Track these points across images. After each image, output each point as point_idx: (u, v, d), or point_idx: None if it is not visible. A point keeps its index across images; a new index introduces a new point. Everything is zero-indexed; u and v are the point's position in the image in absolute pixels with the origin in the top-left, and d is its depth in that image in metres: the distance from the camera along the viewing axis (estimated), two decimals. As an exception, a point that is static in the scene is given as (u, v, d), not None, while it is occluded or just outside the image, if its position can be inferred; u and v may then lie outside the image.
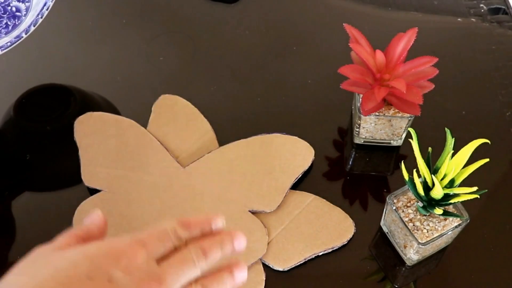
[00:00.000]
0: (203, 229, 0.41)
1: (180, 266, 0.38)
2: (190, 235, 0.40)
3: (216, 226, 0.42)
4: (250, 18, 0.81)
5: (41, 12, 0.64)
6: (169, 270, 0.37)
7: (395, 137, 0.67)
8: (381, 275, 0.60)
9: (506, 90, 0.73)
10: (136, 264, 0.36)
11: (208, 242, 0.40)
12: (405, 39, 0.61)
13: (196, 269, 0.38)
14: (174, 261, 0.38)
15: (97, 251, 0.36)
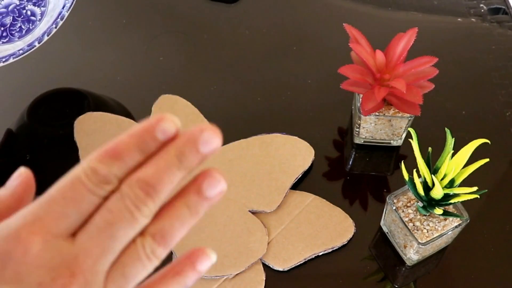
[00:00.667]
0: (144, 148, 0.26)
1: (108, 229, 0.25)
2: (124, 167, 0.25)
3: (165, 135, 0.26)
4: (250, 18, 0.81)
5: (56, 22, 0.63)
6: (87, 246, 0.25)
7: (395, 137, 0.67)
8: (381, 275, 0.60)
9: (506, 90, 0.73)
10: (29, 262, 0.24)
11: (150, 168, 0.25)
12: (405, 39, 0.61)
13: (137, 222, 0.25)
14: (97, 225, 0.25)
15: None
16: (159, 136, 0.26)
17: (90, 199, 0.25)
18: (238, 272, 0.58)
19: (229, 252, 0.59)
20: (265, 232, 0.60)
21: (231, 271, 0.58)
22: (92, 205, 0.26)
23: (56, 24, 0.63)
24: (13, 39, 0.65)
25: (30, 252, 0.25)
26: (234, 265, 0.58)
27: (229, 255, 0.58)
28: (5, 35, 0.63)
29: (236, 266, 0.58)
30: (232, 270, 0.58)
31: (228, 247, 0.59)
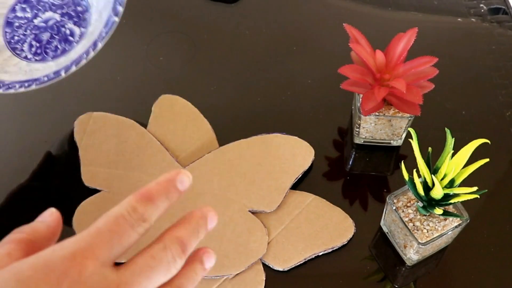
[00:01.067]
0: (169, 196, 0.34)
1: (149, 271, 0.32)
2: (156, 209, 0.33)
3: (183, 187, 0.35)
4: (250, 18, 0.81)
5: (95, 44, 0.58)
6: (128, 280, 0.31)
7: (395, 137, 0.67)
8: (381, 275, 0.60)
9: (506, 90, 0.73)
10: (82, 281, 0.29)
11: (184, 231, 0.33)
12: (405, 39, 0.61)
13: (170, 271, 0.32)
14: (140, 265, 0.32)
15: (31, 272, 0.29)
16: (179, 186, 0.34)
17: (130, 234, 0.32)
18: (238, 272, 0.58)
19: (229, 252, 0.59)
20: (265, 232, 0.60)
21: (231, 271, 0.58)
22: (132, 240, 0.32)
23: (95, 45, 0.58)
24: (46, 58, 0.61)
25: (84, 273, 0.30)
26: (234, 265, 0.58)
27: (229, 255, 0.58)
28: (39, 52, 0.60)
29: (236, 266, 0.58)
30: (232, 270, 0.58)
31: (228, 247, 0.59)
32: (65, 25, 0.62)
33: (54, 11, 0.62)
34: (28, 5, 0.61)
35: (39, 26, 0.60)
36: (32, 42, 0.60)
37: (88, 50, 0.56)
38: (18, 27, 0.59)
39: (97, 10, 0.60)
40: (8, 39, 0.59)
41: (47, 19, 0.61)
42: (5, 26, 0.59)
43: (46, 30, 0.60)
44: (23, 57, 0.60)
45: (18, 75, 0.57)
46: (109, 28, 0.57)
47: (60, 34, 0.61)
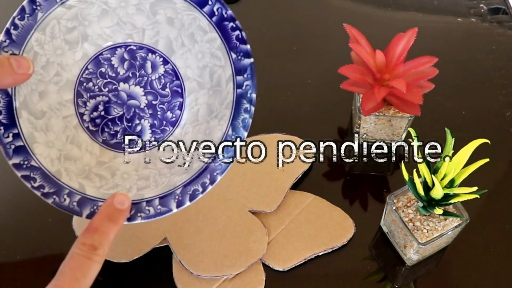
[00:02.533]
0: (113, 219, 0.42)
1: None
2: (103, 235, 0.41)
3: (124, 206, 0.44)
4: (250, 18, 0.81)
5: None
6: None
7: (395, 137, 0.67)
8: (381, 275, 0.60)
9: (506, 90, 0.73)
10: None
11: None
12: (405, 39, 0.61)
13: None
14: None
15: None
16: (119, 207, 0.43)
17: (89, 264, 0.39)
18: (238, 272, 0.58)
19: (229, 252, 0.59)
20: (265, 232, 0.60)
21: (231, 271, 0.58)
22: (94, 269, 0.39)
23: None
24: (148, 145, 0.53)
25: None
26: (234, 265, 0.58)
27: (229, 255, 0.58)
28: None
29: (236, 266, 0.58)
30: (232, 270, 0.58)
31: (228, 247, 0.59)
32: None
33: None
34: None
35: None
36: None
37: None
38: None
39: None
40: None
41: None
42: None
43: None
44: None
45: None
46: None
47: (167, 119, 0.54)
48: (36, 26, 0.49)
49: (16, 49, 0.48)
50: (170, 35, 0.52)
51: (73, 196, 0.48)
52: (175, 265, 0.59)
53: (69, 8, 0.50)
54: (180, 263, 0.58)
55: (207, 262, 0.58)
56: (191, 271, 0.57)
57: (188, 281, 0.57)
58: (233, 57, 0.50)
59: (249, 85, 0.50)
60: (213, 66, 0.51)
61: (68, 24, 0.50)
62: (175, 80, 0.52)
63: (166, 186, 0.50)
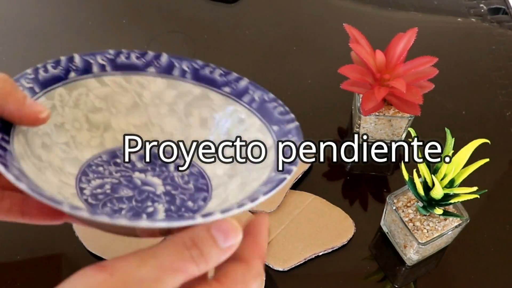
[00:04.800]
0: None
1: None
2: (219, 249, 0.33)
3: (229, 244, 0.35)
4: (250, 18, 0.81)
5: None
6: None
7: (395, 137, 0.67)
8: (381, 275, 0.60)
9: (506, 90, 0.73)
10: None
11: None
12: (405, 39, 0.61)
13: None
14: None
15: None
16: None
17: (193, 269, 0.32)
18: (238, 272, 0.58)
19: (229, 252, 0.58)
20: (265, 232, 0.60)
21: (231, 271, 0.58)
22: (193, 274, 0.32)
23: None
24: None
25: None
26: (234, 265, 0.58)
27: (229, 255, 0.58)
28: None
29: (236, 266, 0.58)
30: (232, 270, 0.58)
31: (228, 247, 0.59)
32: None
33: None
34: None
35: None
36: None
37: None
38: None
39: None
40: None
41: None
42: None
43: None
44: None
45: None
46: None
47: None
48: (65, 81, 0.44)
49: (37, 87, 0.42)
50: (200, 136, 0.47)
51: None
52: (175, 265, 0.59)
53: (102, 85, 0.45)
54: (180, 263, 0.58)
55: (207, 262, 0.58)
56: (191, 271, 0.57)
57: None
58: (275, 129, 0.46)
59: (294, 139, 0.47)
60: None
61: (96, 102, 0.45)
62: (201, 179, 0.46)
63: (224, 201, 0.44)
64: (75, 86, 0.45)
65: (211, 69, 0.50)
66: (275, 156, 0.46)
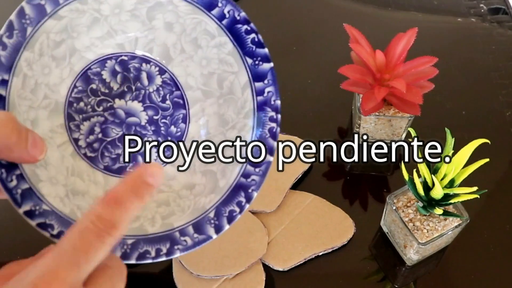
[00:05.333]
0: (140, 194, 0.32)
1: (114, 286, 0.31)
2: (126, 212, 0.31)
3: (156, 181, 0.33)
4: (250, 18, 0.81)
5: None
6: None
7: (395, 137, 0.67)
8: (381, 275, 0.60)
9: (506, 90, 0.73)
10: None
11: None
12: (405, 39, 0.61)
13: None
14: (105, 280, 0.30)
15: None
16: (150, 181, 0.32)
17: (98, 246, 0.29)
18: (238, 272, 0.58)
19: (229, 252, 0.59)
20: (265, 232, 0.60)
21: (231, 271, 0.58)
22: (102, 253, 0.29)
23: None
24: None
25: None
26: (234, 265, 0.58)
27: (229, 255, 0.58)
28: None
29: (236, 266, 0.58)
30: (232, 270, 0.58)
31: (228, 247, 0.59)
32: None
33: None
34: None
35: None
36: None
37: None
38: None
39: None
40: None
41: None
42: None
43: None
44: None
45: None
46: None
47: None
48: (25, 43, 0.43)
49: (5, 74, 0.42)
50: (167, 41, 0.47)
51: None
52: (175, 265, 0.59)
53: (59, 20, 0.45)
54: (180, 263, 0.58)
55: (207, 262, 0.58)
56: (191, 271, 0.57)
57: (188, 281, 0.57)
58: (249, 63, 0.46)
59: (272, 92, 0.47)
60: (222, 73, 0.47)
61: (56, 37, 0.45)
62: (175, 90, 0.47)
63: (194, 210, 0.45)
64: (35, 39, 0.44)
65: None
66: (252, 100, 0.47)
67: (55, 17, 0.44)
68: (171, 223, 0.44)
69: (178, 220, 0.44)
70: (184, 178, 0.47)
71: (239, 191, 0.45)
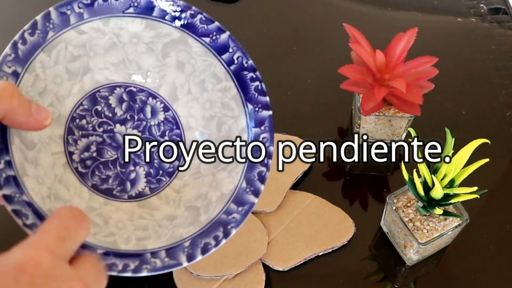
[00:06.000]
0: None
1: (99, 275, 0.34)
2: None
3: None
4: (250, 18, 0.81)
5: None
6: (87, 277, 0.33)
7: (395, 137, 0.67)
8: (381, 275, 0.60)
9: (506, 90, 0.73)
10: (43, 274, 0.29)
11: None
12: (405, 39, 0.61)
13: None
14: (91, 266, 0.34)
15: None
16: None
17: (78, 227, 0.33)
18: (238, 272, 0.58)
19: (229, 252, 0.59)
20: (265, 232, 0.60)
21: (231, 271, 0.58)
22: (81, 237, 0.34)
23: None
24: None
25: (42, 265, 0.29)
26: (234, 265, 0.58)
27: (229, 255, 0.58)
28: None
29: (236, 266, 0.58)
30: (232, 270, 0.58)
31: (228, 247, 0.59)
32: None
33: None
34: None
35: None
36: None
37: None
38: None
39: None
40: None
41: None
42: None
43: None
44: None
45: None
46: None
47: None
48: (44, 45, 0.45)
49: (19, 67, 0.43)
50: (177, 81, 0.48)
51: None
52: (175, 265, 0.59)
53: (80, 34, 0.46)
54: (180, 263, 0.58)
55: (207, 262, 0.58)
56: (191, 271, 0.57)
57: (188, 281, 0.57)
58: (249, 109, 0.47)
59: (267, 138, 0.47)
60: (222, 117, 0.48)
61: (74, 51, 0.46)
62: (175, 128, 0.49)
63: (170, 237, 0.46)
64: (54, 45, 0.45)
65: (192, 13, 0.50)
66: (245, 150, 0.47)
67: (77, 30, 0.46)
68: (145, 245, 0.45)
69: (152, 244, 0.45)
70: (167, 210, 0.48)
71: (219, 227, 0.46)
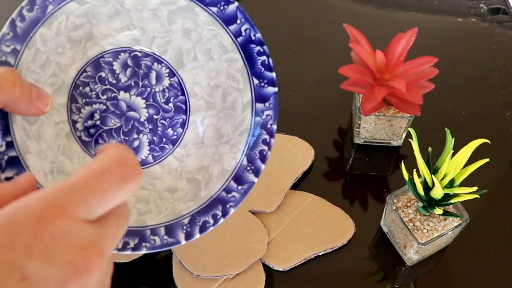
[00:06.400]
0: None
1: (120, 227, 0.28)
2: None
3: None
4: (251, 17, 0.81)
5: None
6: (107, 234, 0.27)
7: (395, 137, 0.67)
8: (381, 275, 0.60)
9: (506, 90, 0.73)
10: (57, 241, 0.25)
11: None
12: (405, 39, 0.61)
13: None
14: (113, 219, 0.28)
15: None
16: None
17: (118, 193, 0.27)
18: (238, 272, 0.58)
19: (229, 252, 0.59)
20: (265, 232, 0.60)
21: (231, 271, 0.58)
22: (118, 199, 0.27)
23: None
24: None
25: (57, 234, 0.25)
26: (234, 265, 0.58)
27: (229, 255, 0.58)
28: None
29: (236, 266, 0.58)
30: (232, 270, 0.58)
31: (228, 247, 0.59)
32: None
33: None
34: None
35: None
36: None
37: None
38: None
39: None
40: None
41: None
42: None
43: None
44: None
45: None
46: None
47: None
48: (44, 20, 0.44)
49: (18, 44, 0.43)
50: (183, 46, 0.47)
51: None
52: (175, 265, 0.59)
53: (82, 4, 0.45)
54: (180, 263, 0.58)
55: (207, 262, 0.58)
56: (191, 271, 0.57)
57: (188, 281, 0.57)
58: (255, 83, 0.47)
59: (270, 115, 0.47)
60: (228, 88, 0.47)
61: (76, 21, 0.46)
62: (180, 95, 0.48)
63: (170, 213, 0.46)
64: (54, 18, 0.45)
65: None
66: (250, 119, 0.48)
67: (78, 1, 0.45)
68: (145, 220, 0.45)
69: (152, 219, 0.45)
70: (169, 180, 0.48)
71: (217, 204, 0.46)
